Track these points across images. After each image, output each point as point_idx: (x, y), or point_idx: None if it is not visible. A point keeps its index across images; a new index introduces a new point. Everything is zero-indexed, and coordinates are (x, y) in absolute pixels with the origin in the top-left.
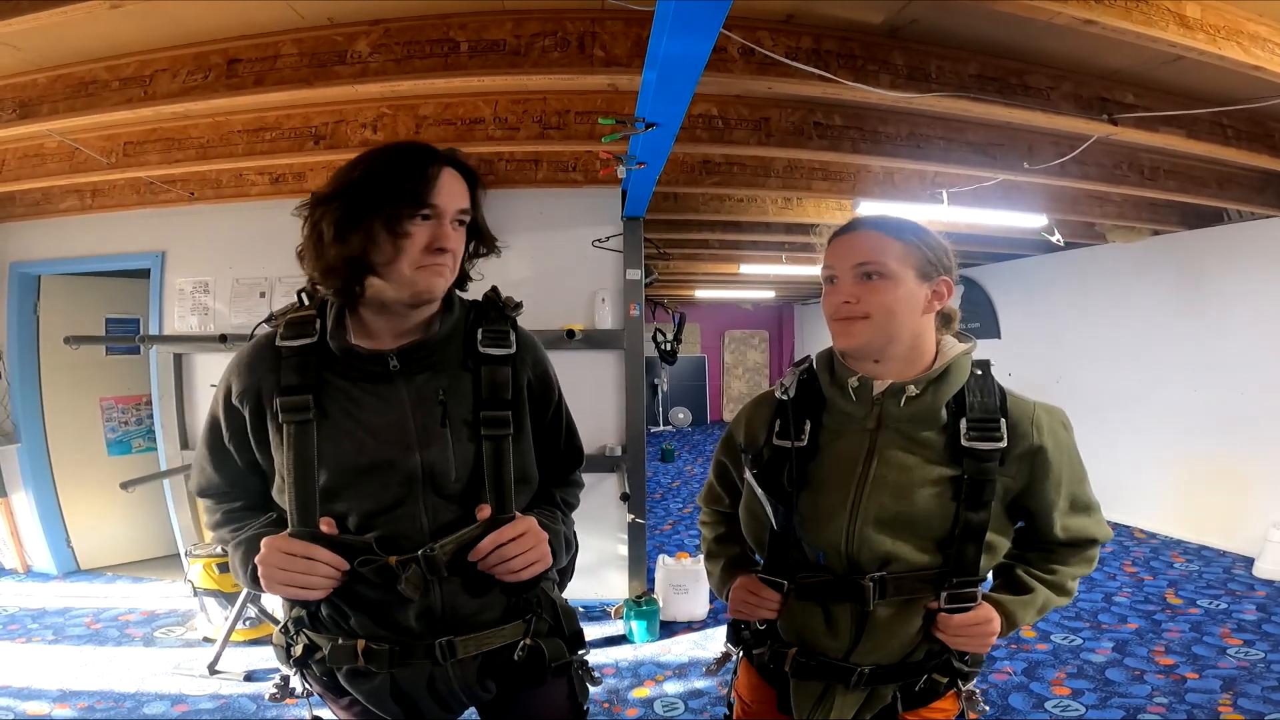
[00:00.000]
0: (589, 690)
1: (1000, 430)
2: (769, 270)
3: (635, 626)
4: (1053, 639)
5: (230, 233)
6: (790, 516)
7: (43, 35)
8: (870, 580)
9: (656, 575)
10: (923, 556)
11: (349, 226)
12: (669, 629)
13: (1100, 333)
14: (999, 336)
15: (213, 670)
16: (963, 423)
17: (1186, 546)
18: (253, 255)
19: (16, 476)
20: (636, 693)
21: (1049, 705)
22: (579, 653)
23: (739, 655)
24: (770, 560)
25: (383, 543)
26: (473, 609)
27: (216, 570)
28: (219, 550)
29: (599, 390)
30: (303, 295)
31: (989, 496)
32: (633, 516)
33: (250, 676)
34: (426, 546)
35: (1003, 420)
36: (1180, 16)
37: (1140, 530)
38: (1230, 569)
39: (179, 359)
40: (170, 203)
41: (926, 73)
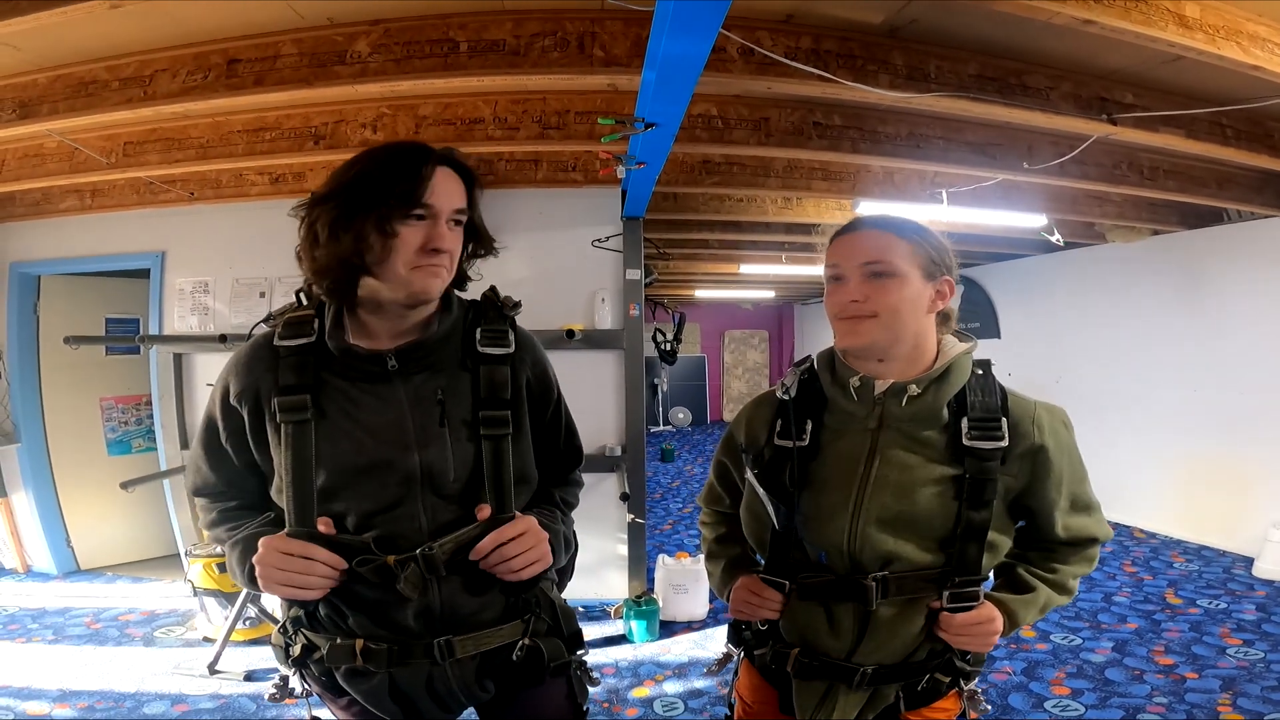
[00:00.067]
0: (588, 690)
1: (1001, 429)
2: (769, 270)
3: (635, 626)
4: (1052, 639)
5: (230, 233)
6: (792, 516)
7: (43, 35)
8: (873, 580)
9: (656, 575)
10: (925, 556)
11: (342, 226)
12: (669, 629)
13: (1100, 333)
14: (999, 336)
15: (213, 670)
16: (964, 422)
17: (1186, 546)
18: (253, 255)
19: (16, 476)
20: (636, 692)
21: (1048, 705)
22: (578, 653)
23: (740, 656)
24: (772, 560)
25: (381, 542)
26: (471, 608)
27: (216, 570)
28: (219, 550)
29: (599, 390)
30: (301, 295)
31: (990, 495)
32: (632, 516)
33: (250, 676)
34: (425, 546)
35: (1004, 419)
36: (1179, 16)
37: (1140, 530)
38: (1230, 569)
39: (179, 359)
40: (170, 203)
41: (926, 73)
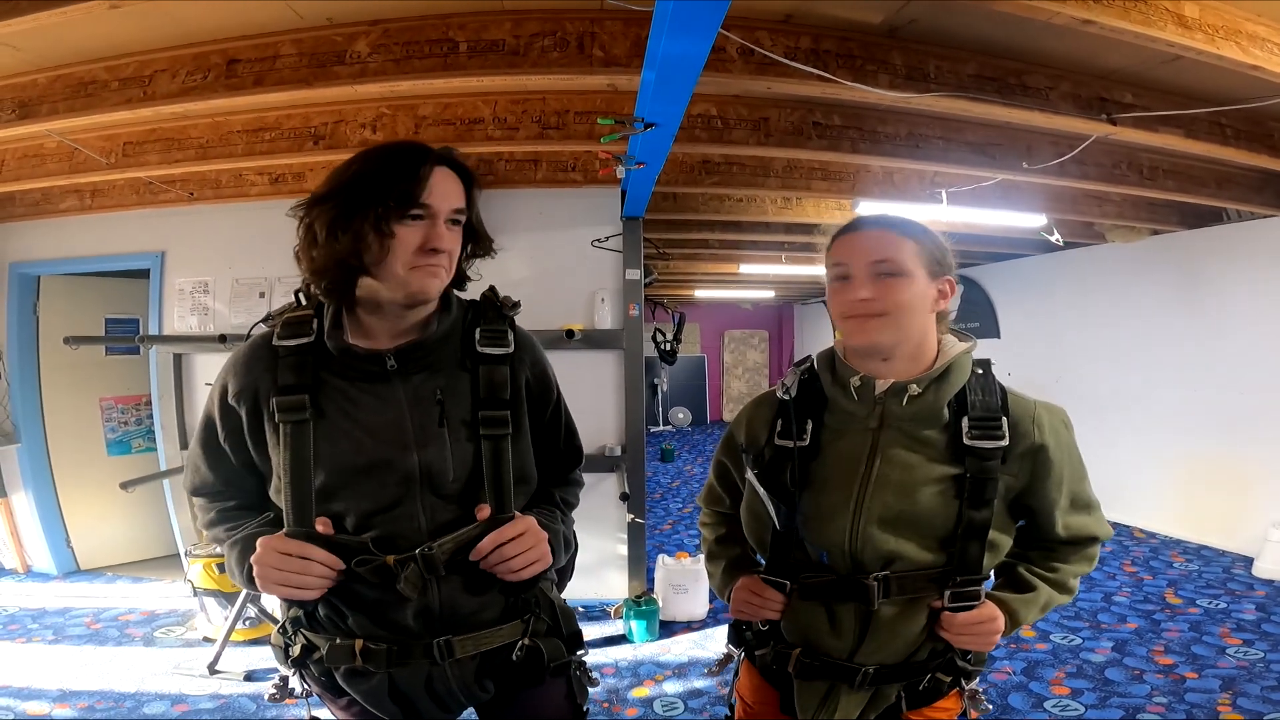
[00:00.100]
0: (588, 690)
1: (1002, 429)
2: (768, 270)
3: (635, 626)
4: (1052, 638)
5: (230, 233)
6: (793, 516)
7: (42, 36)
8: (874, 579)
9: (656, 575)
10: (926, 555)
11: (340, 227)
12: (668, 629)
13: (1100, 332)
14: (998, 336)
15: (213, 670)
16: (964, 421)
17: (1186, 546)
18: (252, 255)
19: (16, 477)
20: (636, 692)
21: (1048, 705)
22: (578, 653)
23: (740, 656)
24: (773, 560)
25: (380, 543)
26: (471, 608)
27: (216, 570)
28: (218, 550)
29: (598, 390)
30: (300, 295)
31: (991, 495)
32: (632, 516)
33: (250, 676)
34: (424, 546)
35: (1004, 419)
36: (1179, 16)
37: (1140, 530)
38: (1230, 569)
39: (179, 359)
40: (170, 203)
41: (925, 73)
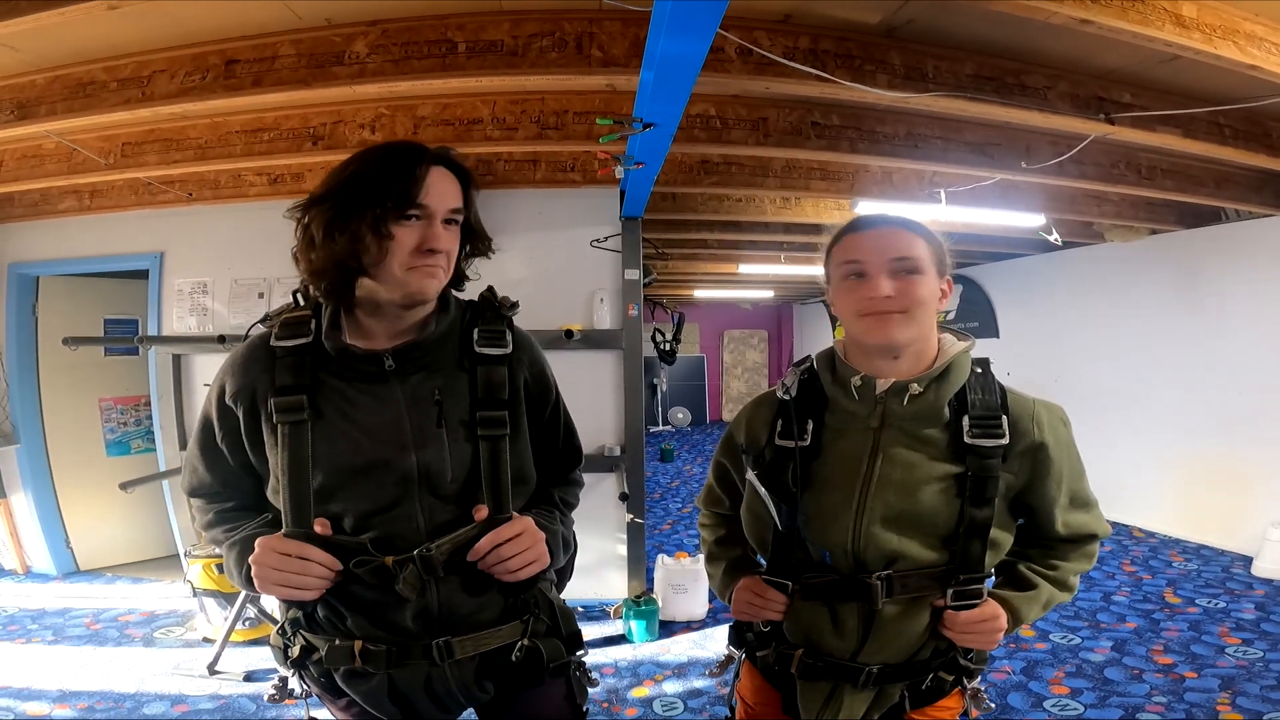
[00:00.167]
0: (587, 691)
1: (1002, 427)
2: (768, 270)
3: (634, 626)
4: (1051, 638)
5: (229, 233)
6: (794, 516)
7: (41, 36)
8: (877, 579)
9: (655, 575)
10: (929, 554)
11: (337, 228)
12: (668, 629)
13: (1099, 332)
14: (997, 336)
15: (212, 670)
16: (965, 420)
17: (1185, 545)
18: (251, 256)
19: (16, 477)
20: (636, 692)
21: (1048, 704)
22: (577, 653)
23: (741, 657)
24: (774, 561)
25: (379, 543)
26: (470, 609)
27: (216, 571)
28: (218, 551)
29: (597, 390)
30: (298, 295)
31: (992, 493)
32: (632, 516)
33: (250, 677)
34: (423, 546)
35: (1004, 417)
36: (1176, 16)
37: (1139, 529)
38: (1229, 568)
39: (178, 360)
40: (169, 203)
41: (924, 73)
